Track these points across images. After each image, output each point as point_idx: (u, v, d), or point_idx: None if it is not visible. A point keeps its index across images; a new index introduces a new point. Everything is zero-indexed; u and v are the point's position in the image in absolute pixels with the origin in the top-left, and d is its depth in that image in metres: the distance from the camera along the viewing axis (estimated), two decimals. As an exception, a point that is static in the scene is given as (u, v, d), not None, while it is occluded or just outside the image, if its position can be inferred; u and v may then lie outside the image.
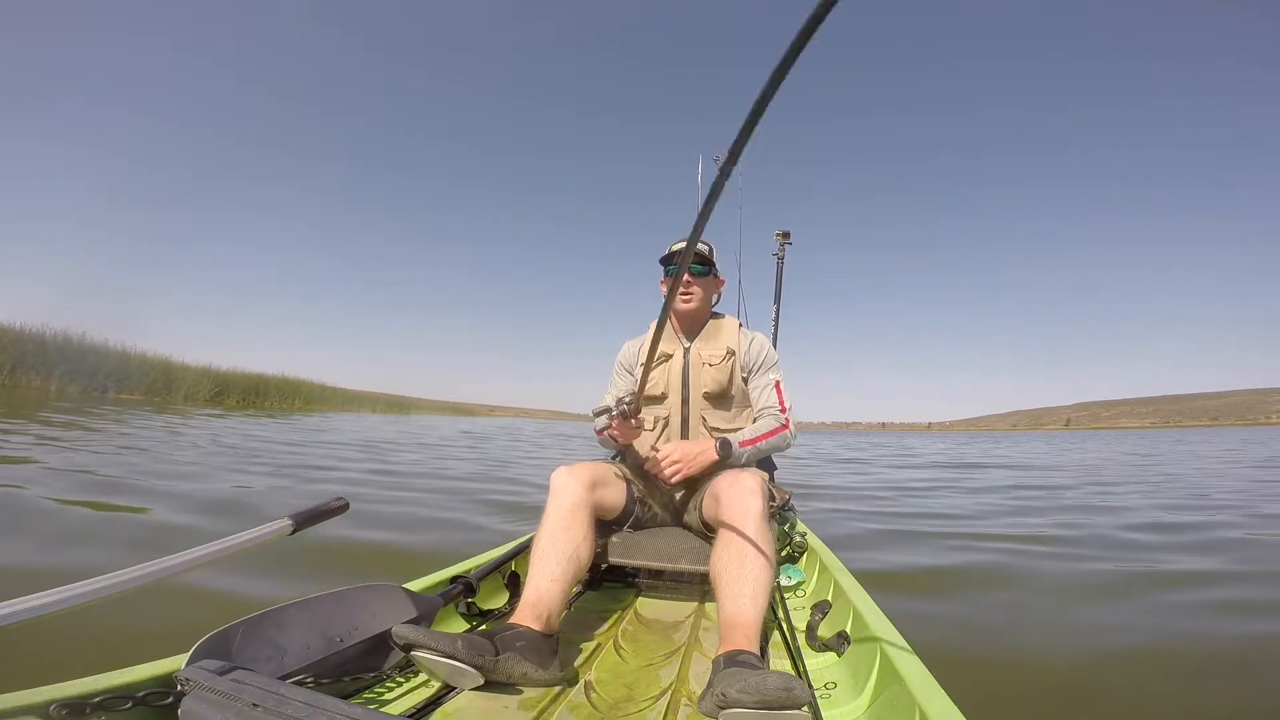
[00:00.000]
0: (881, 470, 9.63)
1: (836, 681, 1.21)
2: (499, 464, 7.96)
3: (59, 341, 19.79)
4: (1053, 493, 6.26)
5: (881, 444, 26.43)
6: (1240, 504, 5.18)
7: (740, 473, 1.44)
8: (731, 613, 1.17)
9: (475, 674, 1.03)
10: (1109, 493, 6.26)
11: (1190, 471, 9.07)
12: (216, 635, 0.92)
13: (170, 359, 23.75)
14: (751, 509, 1.31)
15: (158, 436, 7.81)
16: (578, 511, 1.41)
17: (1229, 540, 3.53)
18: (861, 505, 5.16)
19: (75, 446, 5.90)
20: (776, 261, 2.76)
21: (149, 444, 6.76)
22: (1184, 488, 6.66)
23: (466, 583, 1.45)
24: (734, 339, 1.79)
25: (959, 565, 2.91)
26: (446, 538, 3.13)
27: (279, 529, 1.10)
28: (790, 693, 0.89)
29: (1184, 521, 4.22)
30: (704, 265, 1.79)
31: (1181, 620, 2.15)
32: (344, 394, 36.88)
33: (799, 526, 2.24)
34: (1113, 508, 5.05)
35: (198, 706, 0.76)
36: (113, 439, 6.95)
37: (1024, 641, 2.01)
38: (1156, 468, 9.99)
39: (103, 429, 8.14)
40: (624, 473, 1.68)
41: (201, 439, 7.96)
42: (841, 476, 8.33)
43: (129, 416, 11.21)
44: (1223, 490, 6.36)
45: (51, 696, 0.75)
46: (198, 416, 13.52)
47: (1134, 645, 1.93)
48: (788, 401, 1.74)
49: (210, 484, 4.32)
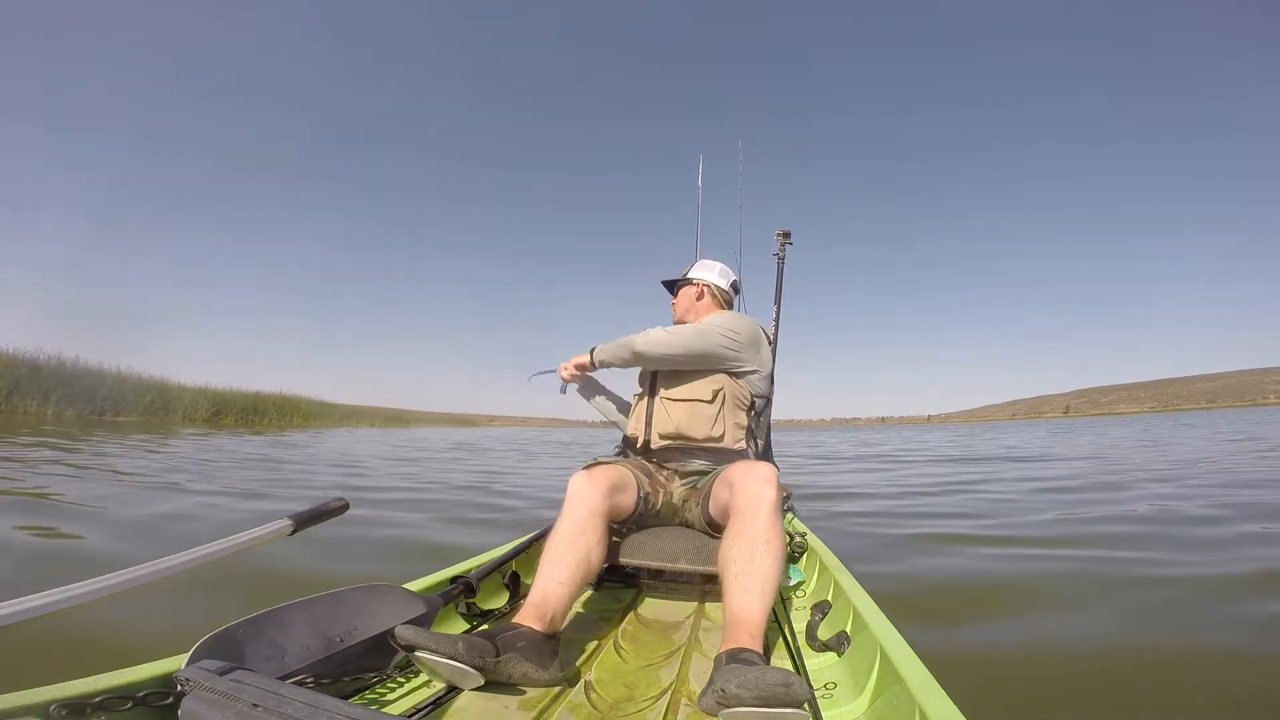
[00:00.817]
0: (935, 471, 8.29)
1: (836, 681, 1.21)
2: (473, 478, 7.13)
3: (53, 366, 19.70)
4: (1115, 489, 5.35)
5: (891, 439, 25.52)
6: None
7: (755, 463, 1.45)
8: (738, 609, 1.16)
9: (476, 674, 1.03)
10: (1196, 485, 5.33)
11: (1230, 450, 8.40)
12: (216, 635, 0.92)
13: (166, 380, 23.58)
14: (766, 499, 1.31)
15: (122, 457, 7.40)
16: (593, 518, 1.41)
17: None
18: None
19: (30, 469, 5.60)
20: (777, 262, 2.77)
21: (105, 466, 6.34)
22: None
23: (467, 583, 1.44)
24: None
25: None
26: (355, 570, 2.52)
27: (279, 529, 1.11)
28: (790, 689, 0.89)
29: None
30: (672, 288, 2.13)
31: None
32: (342, 409, 36.53)
33: (799, 526, 2.24)
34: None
35: (198, 706, 0.76)
36: (76, 458, 6.66)
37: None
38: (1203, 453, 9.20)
39: (72, 450, 7.83)
40: (635, 473, 1.68)
41: (150, 467, 6.97)
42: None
43: (107, 439, 10.82)
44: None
45: (51, 696, 0.75)
46: (182, 437, 13.14)
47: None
48: (685, 331, 1.76)
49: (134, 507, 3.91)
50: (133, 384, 21.88)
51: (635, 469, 1.71)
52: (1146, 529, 3.50)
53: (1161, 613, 2.09)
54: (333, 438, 17.76)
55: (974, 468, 8.25)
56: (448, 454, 11.83)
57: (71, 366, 20.33)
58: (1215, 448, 10.32)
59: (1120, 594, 2.31)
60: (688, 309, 2.03)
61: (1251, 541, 3.04)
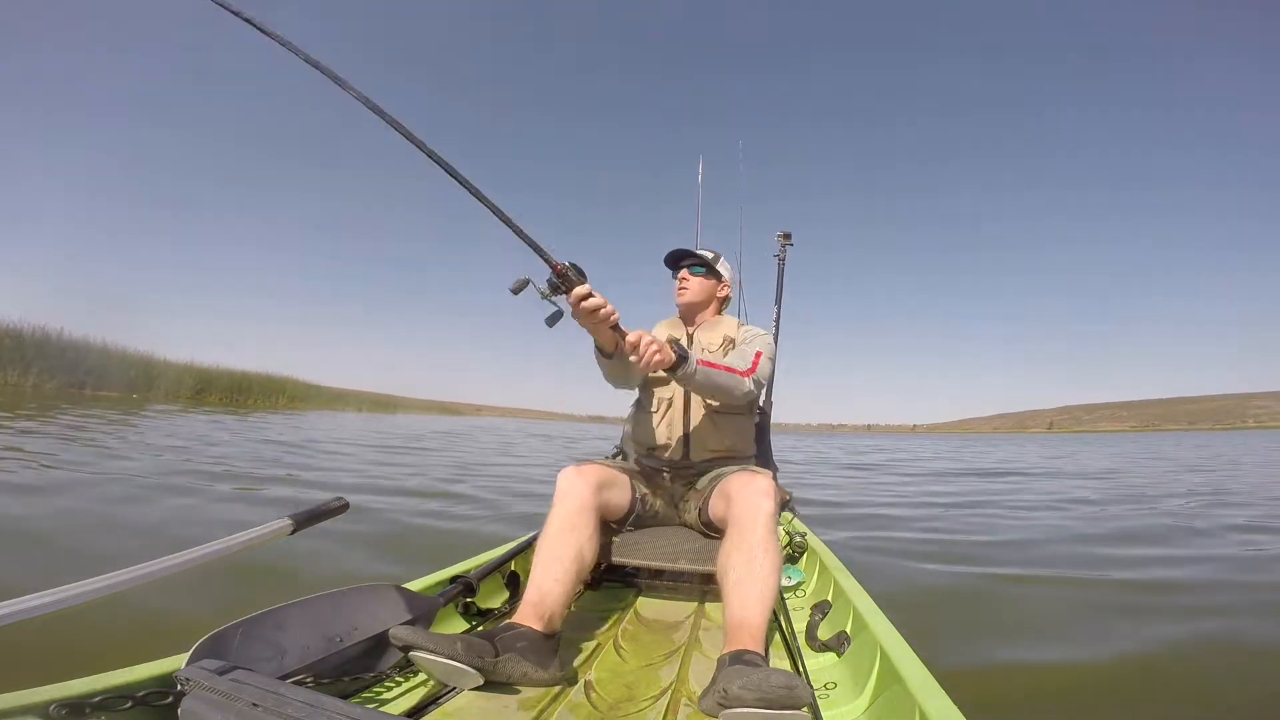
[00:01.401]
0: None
1: (836, 682, 1.21)
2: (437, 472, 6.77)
3: (36, 337, 19.34)
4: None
5: (886, 448, 23.87)
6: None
7: (754, 475, 1.45)
8: (738, 614, 1.17)
9: (475, 674, 1.03)
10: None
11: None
12: (216, 635, 0.92)
13: (151, 355, 23.13)
14: (763, 510, 1.32)
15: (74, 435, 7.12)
16: (584, 513, 1.41)
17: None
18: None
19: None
20: (778, 263, 2.78)
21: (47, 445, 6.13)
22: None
23: (466, 583, 1.44)
24: (733, 330, 1.85)
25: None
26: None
27: (279, 529, 1.10)
28: (792, 691, 0.90)
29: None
30: (701, 265, 1.87)
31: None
32: (329, 392, 35.93)
33: (799, 526, 2.25)
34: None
35: (198, 706, 0.76)
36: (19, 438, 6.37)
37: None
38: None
39: (24, 427, 7.58)
40: (629, 472, 1.68)
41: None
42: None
43: (63, 413, 10.45)
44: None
45: (51, 696, 0.75)
46: (144, 414, 12.66)
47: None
48: (763, 369, 1.72)
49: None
50: (117, 358, 21.51)
51: (630, 471, 1.71)
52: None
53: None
54: (304, 420, 17.17)
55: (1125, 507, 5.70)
56: (407, 444, 11.20)
57: (57, 339, 19.97)
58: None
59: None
60: (700, 299, 1.88)
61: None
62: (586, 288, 1.28)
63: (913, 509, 5.51)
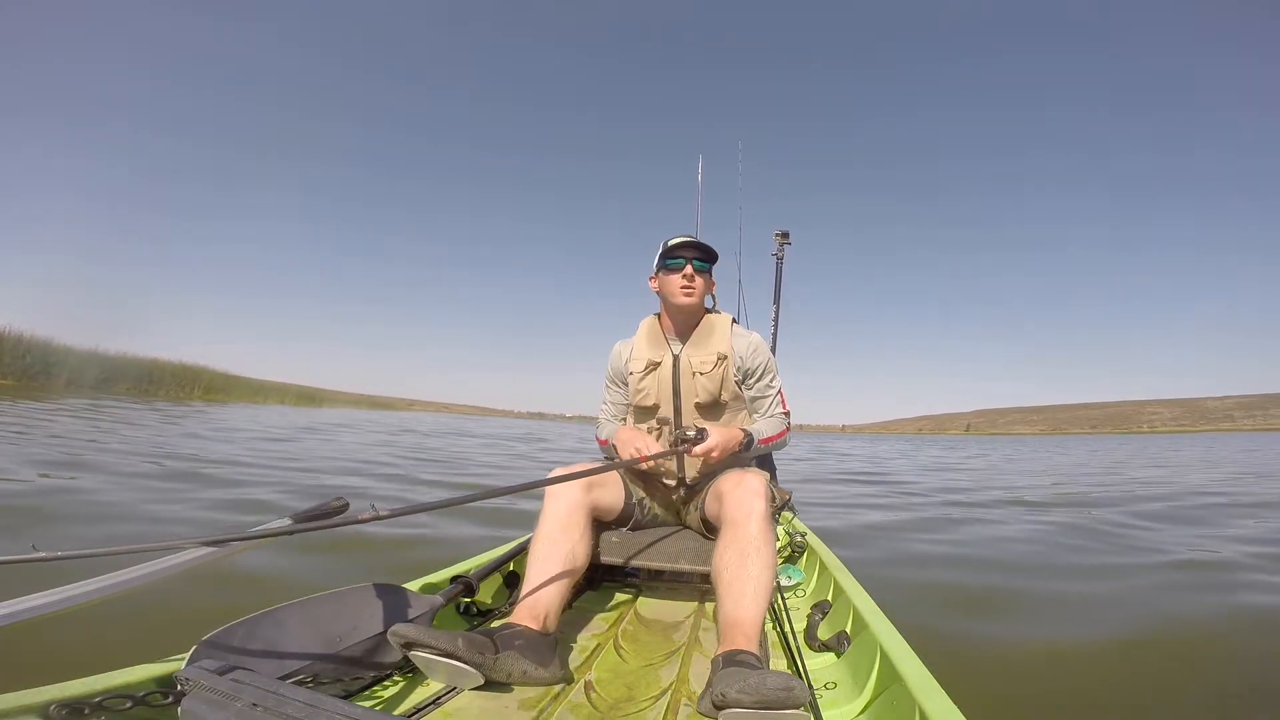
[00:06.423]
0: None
1: (836, 681, 1.21)
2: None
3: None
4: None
5: (858, 452, 19.76)
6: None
7: (745, 473, 1.45)
8: (732, 613, 1.17)
9: (475, 673, 1.03)
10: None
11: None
12: (216, 635, 0.92)
13: (51, 342, 20.93)
14: (755, 510, 1.32)
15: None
16: (574, 513, 1.41)
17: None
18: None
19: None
20: (776, 262, 2.78)
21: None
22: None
23: (466, 582, 1.45)
24: (726, 342, 1.71)
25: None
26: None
27: (279, 529, 1.10)
28: (790, 692, 0.89)
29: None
30: (708, 262, 1.73)
31: None
32: (250, 384, 33.49)
33: (799, 526, 2.25)
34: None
35: (198, 706, 0.76)
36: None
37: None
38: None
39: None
40: (621, 473, 1.67)
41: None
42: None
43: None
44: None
45: (51, 696, 0.75)
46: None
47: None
48: (788, 405, 1.79)
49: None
50: (9, 343, 19.34)
51: (627, 473, 1.70)
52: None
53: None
54: (201, 414, 15.25)
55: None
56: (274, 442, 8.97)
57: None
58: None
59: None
60: (702, 302, 1.77)
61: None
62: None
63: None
